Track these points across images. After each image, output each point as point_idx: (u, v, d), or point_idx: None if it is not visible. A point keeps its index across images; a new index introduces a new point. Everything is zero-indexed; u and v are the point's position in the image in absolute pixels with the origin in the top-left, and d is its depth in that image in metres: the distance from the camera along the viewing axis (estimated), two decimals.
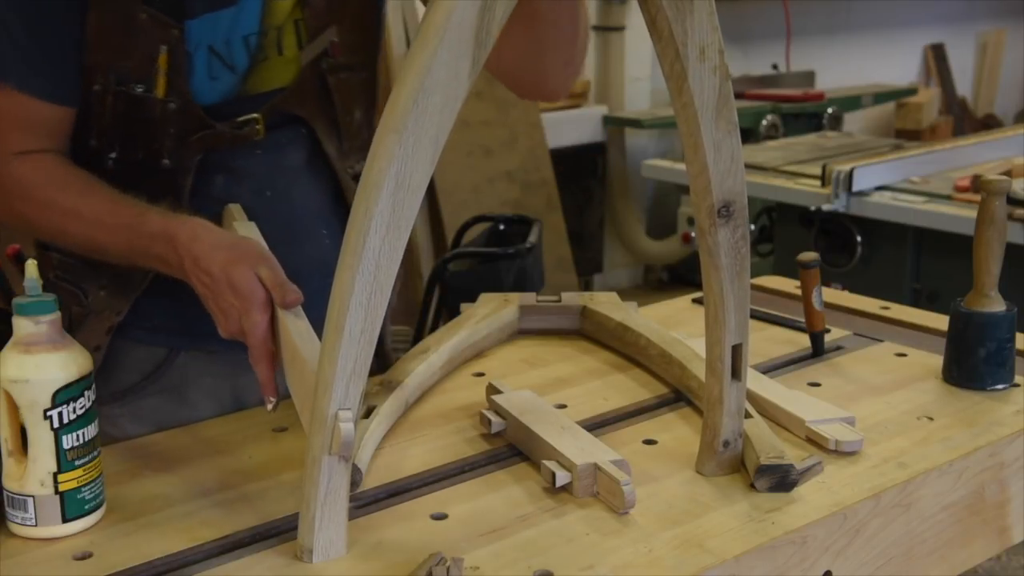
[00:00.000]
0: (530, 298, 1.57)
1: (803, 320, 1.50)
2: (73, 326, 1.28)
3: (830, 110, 5.22)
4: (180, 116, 1.24)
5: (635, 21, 5.04)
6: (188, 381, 1.32)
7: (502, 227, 3.36)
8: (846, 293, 1.83)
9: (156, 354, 1.32)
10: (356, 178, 1.39)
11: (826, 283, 1.67)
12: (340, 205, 1.37)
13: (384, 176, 0.88)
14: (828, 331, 1.50)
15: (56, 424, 1.01)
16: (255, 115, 1.28)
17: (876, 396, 1.34)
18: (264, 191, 1.32)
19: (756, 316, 1.63)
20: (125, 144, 1.25)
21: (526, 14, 1.14)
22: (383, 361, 1.50)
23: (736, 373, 1.11)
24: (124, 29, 1.20)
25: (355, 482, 1.09)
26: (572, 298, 1.58)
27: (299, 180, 1.35)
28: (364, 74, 1.38)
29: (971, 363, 1.36)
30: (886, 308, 1.67)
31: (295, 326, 1.12)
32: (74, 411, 1.01)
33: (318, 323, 1.00)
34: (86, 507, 1.04)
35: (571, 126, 5.03)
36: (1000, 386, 1.35)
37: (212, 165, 1.28)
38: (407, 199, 0.90)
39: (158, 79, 1.21)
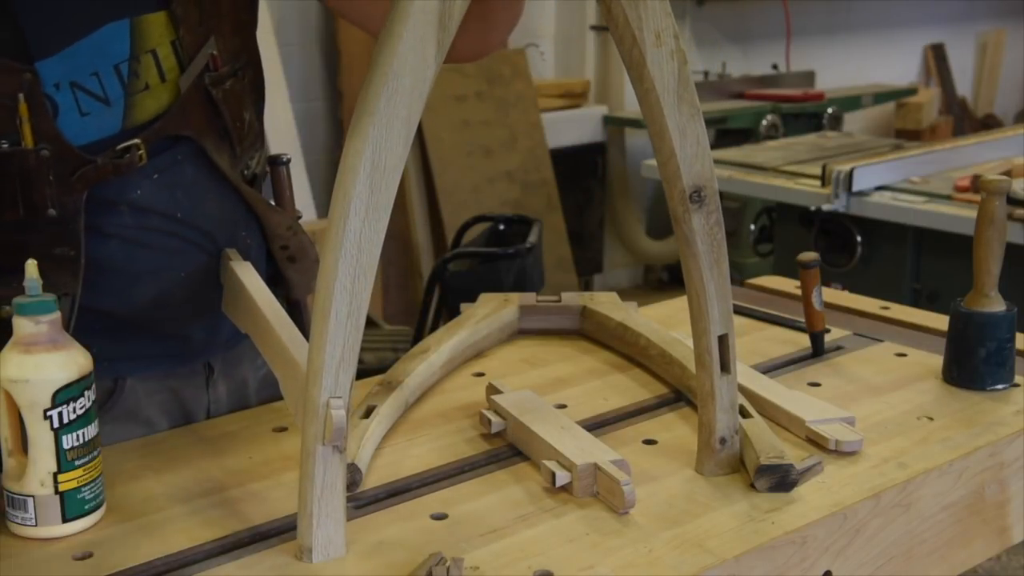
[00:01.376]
0: (530, 298, 1.57)
1: (803, 320, 1.50)
2: None
3: (830, 110, 5.23)
4: (56, 160, 1.16)
5: None
6: (141, 404, 1.29)
7: (502, 227, 3.36)
8: (846, 293, 1.83)
9: (104, 385, 1.26)
10: (252, 180, 1.35)
11: (826, 283, 1.67)
12: (247, 209, 1.34)
13: (360, 158, 0.91)
14: (828, 331, 1.50)
15: (56, 424, 1.01)
16: (135, 141, 1.21)
17: (876, 396, 1.34)
18: (174, 212, 1.26)
19: (756, 316, 1.64)
20: (1, 205, 1.16)
21: None
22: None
23: (725, 366, 1.11)
24: None
25: (355, 482, 1.09)
26: (572, 298, 1.58)
27: (203, 193, 1.29)
28: (250, 73, 1.32)
29: (971, 363, 1.36)
30: (886, 308, 1.67)
31: (287, 333, 1.13)
32: (74, 411, 1.01)
33: None
34: (86, 507, 1.04)
35: (571, 126, 5.03)
36: (1000, 386, 1.35)
37: (110, 201, 1.22)
38: (384, 180, 0.92)
39: (23, 129, 1.14)
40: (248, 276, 1.24)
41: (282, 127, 4.07)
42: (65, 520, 1.03)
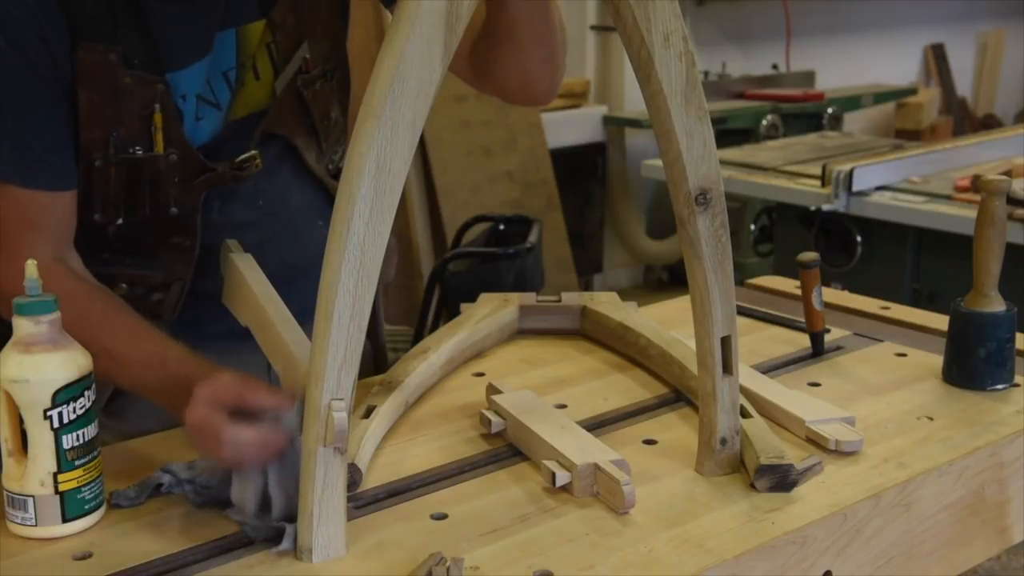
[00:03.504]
0: (530, 298, 1.57)
1: (803, 320, 1.50)
2: None
3: (830, 110, 5.22)
4: (182, 164, 1.25)
5: None
6: (127, 403, 1.31)
7: (502, 227, 3.36)
8: (846, 293, 1.83)
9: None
10: (336, 174, 1.41)
11: (826, 283, 1.67)
12: (328, 201, 1.38)
13: (365, 161, 0.91)
14: (828, 331, 1.50)
15: (56, 424, 1.01)
16: (253, 152, 1.30)
17: (876, 396, 1.34)
18: (256, 202, 1.34)
19: (756, 316, 1.63)
20: (131, 207, 1.25)
21: (498, 18, 1.16)
22: (380, 359, 1.51)
23: (727, 367, 1.11)
24: (113, 98, 1.19)
25: (355, 482, 1.09)
26: (572, 298, 1.58)
27: (287, 185, 1.36)
28: (338, 74, 1.38)
29: (971, 363, 1.36)
30: (886, 308, 1.67)
31: (287, 328, 1.12)
32: (74, 411, 1.01)
33: None
34: (86, 507, 1.04)
35: (571, 126, 5.02)
36: (1000, 386, 1.35)
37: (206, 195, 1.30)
38: (389, 183, 0.92)
39: (156, 137, 1.22)
40: (249, 268, 1.24)
41: None
42: (65, 520, 1.03)
